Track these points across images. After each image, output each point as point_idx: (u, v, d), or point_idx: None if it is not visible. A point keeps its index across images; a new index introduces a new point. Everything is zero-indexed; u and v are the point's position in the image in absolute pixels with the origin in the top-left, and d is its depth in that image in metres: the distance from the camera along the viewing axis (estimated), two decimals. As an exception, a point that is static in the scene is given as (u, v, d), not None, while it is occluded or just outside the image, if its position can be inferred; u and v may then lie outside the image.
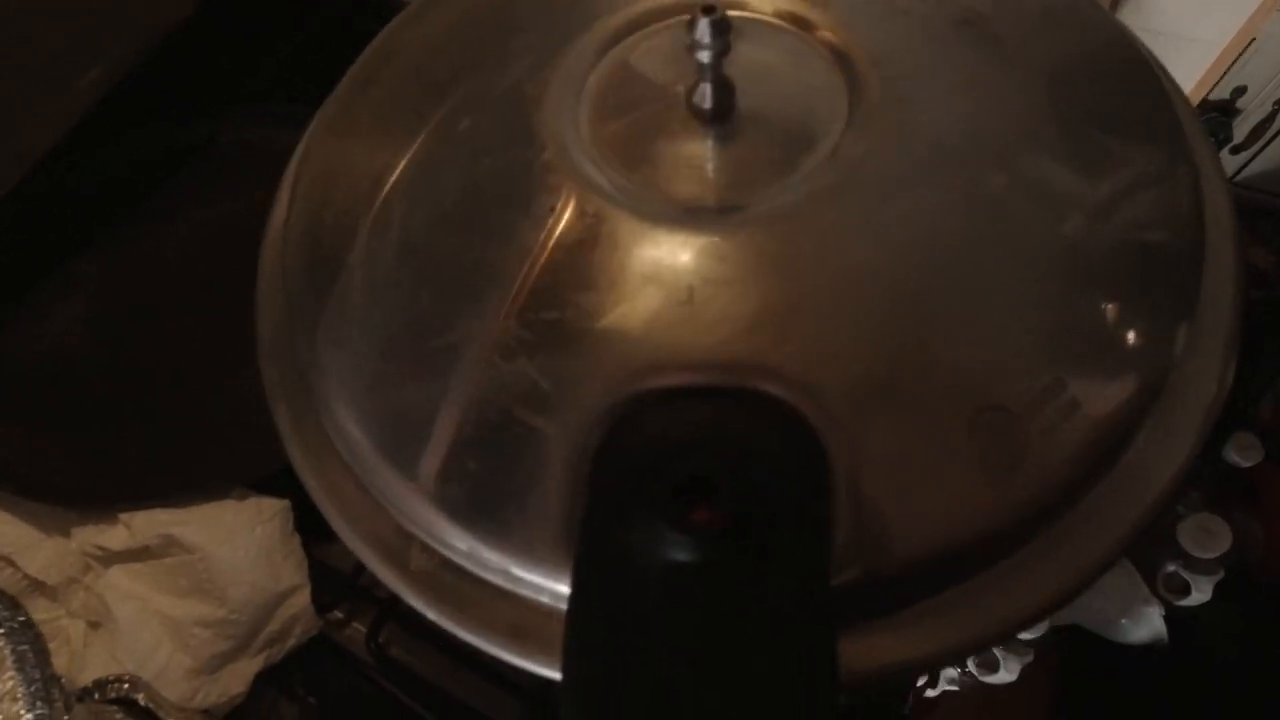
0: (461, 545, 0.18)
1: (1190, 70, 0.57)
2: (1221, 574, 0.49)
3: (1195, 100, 0.62)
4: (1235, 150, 1.01)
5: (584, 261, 0.18)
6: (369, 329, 0.20)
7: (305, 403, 0.21)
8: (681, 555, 0.15)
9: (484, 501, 0.18)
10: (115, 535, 0.36)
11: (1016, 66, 0.20)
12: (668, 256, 0.18)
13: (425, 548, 0.19)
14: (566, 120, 0.20)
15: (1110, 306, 0.18)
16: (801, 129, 0.20)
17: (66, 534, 0.38)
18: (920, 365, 0.17)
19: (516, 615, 0.18)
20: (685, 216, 0.19)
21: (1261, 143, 0.96)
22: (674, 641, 0.15)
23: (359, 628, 0.40)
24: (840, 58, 0.20)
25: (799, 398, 0.17)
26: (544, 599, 0.18)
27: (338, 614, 0.41)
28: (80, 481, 0.38)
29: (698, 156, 0.20)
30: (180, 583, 0.36)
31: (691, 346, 0.17)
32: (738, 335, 0.17)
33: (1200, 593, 0.46)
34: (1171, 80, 0.23)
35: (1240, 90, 0.92)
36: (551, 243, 0.19)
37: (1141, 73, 0.21)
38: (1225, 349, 0.20)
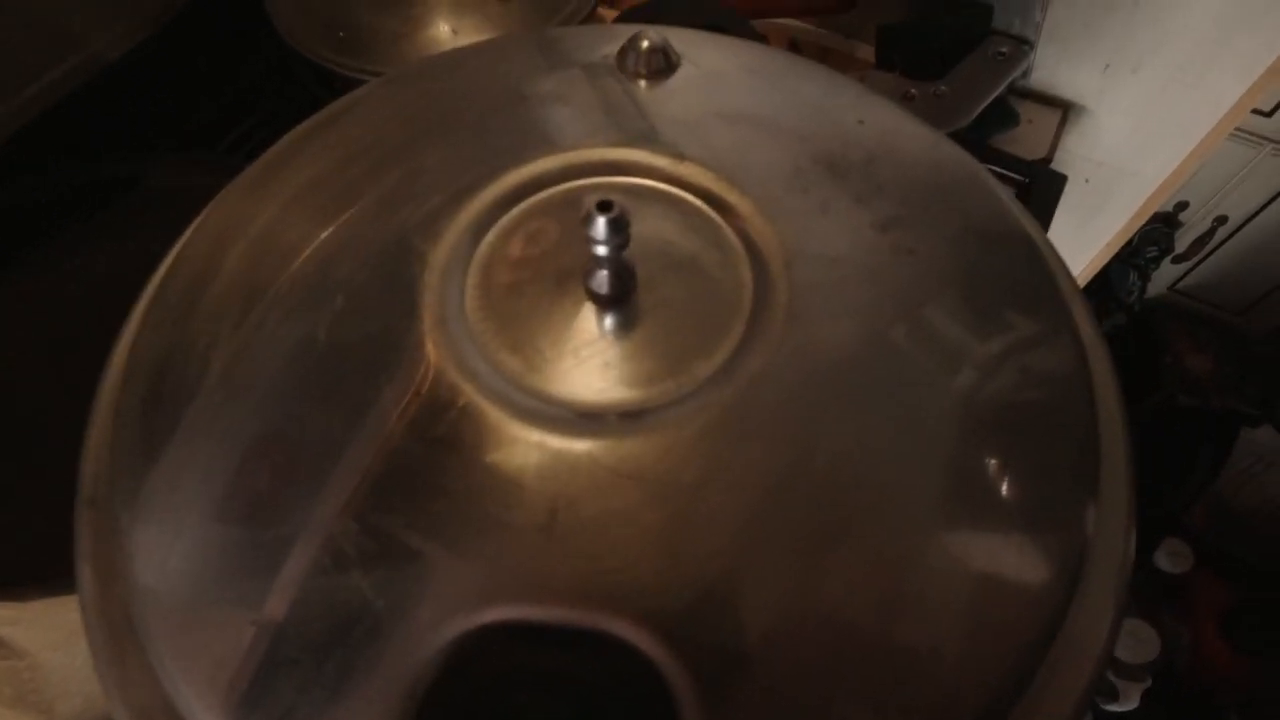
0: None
1: (1129, 201, 0.59)
2: (1149, 681, 0.48)
3: (1133, 229, 0.64)
4: (1177, 260, 1.05)
5: (443, 460, 0.17)
6: (192, 497, 0.17)
7: (113, 565, 0.18)
8: None
9: (289, 730, 0.15)
10: (-62, 630, 0.32)
11: (929, 278, 0.19)
12: (535, 467, 0.16)
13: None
14: (452, 288, 0.19)
15: (1020, 509, 0.17)
16: (702, 327, 0.18)
17: (-115, 620, 0.33)
18: (808, 627, 0.15)
19: None
20: (564, 419, 0.17)
21: (1201, 256, 1.00)
22: None
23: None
24: (752, 252, 0.19)
25: (662, 655, 0.15)
26: None
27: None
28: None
29: (587, 347, 0.18)
30: (4, 691, 0.32)
31: (548, 579, 0.15)
32: (600, 572, 0.15)
33: (1128, 699, 0.45)
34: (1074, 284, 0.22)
35: (1182, 205, 0.97)
36: (410, 433, 0.17)
37: (1048, 285, 0.20)
38: (1127, 515, 0.19)
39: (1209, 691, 0.83)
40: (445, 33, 0.41)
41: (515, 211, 0.20)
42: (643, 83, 0.23)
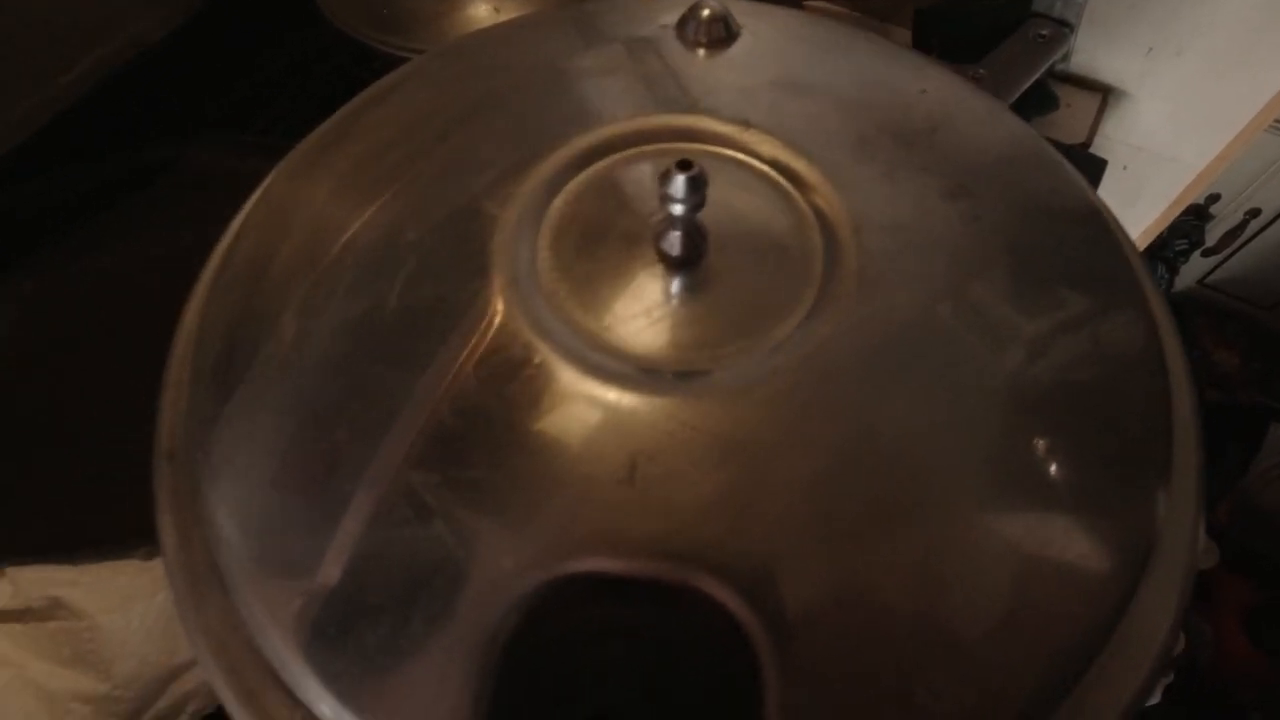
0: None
1: (1167, 188, 0.59)
2: (1172, 677, 0.48)
3: (1170, 218, 0.64)
4: (1206, 253, 1.04)
5: (521, 415, 0.17)
6: (272, 450, 0.18)
7: (193, 516, 0.18)
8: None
9: (369, 677, 0.16)
10: (-3, 591, 0.33)
11: (997, 248, 0.19)
12: (613, 422, 0.17)
13: (302, 711, 0.17)
14: (523, 249, 0.19)
15: (1090, 495, 0.17)
16: (772, 292, 0.18)
17: (-55, 582, 0.34)
18: (885, 581, 0.16)
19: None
20: (638, 377, 0.17)
21: (1231, 249, 0.98)
22: None
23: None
24: (821, 218, 0.19)
25: (741, 607, 0.15)
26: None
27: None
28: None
29: (659, 308, 0.18)
30: (63, 651, 0.32)
31: (629, 531, 0.16)
32: (682, 525, 0.16)
33: (1151, 694, 0.45)
34: (1149, 275, 0.22)
35: (1214, 197, 0.96)
36: (488, 390, 0.17)
37: (1117, 261, 0.20)
38: (1195, 505, 0.19)
39: (1230, 688, 0.83)
40: (486, 10, 0.42)
41: (584, 175, 0.20)
42: (702, 51, 0.23)
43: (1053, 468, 0.17)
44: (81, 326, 0.41)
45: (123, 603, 0.33)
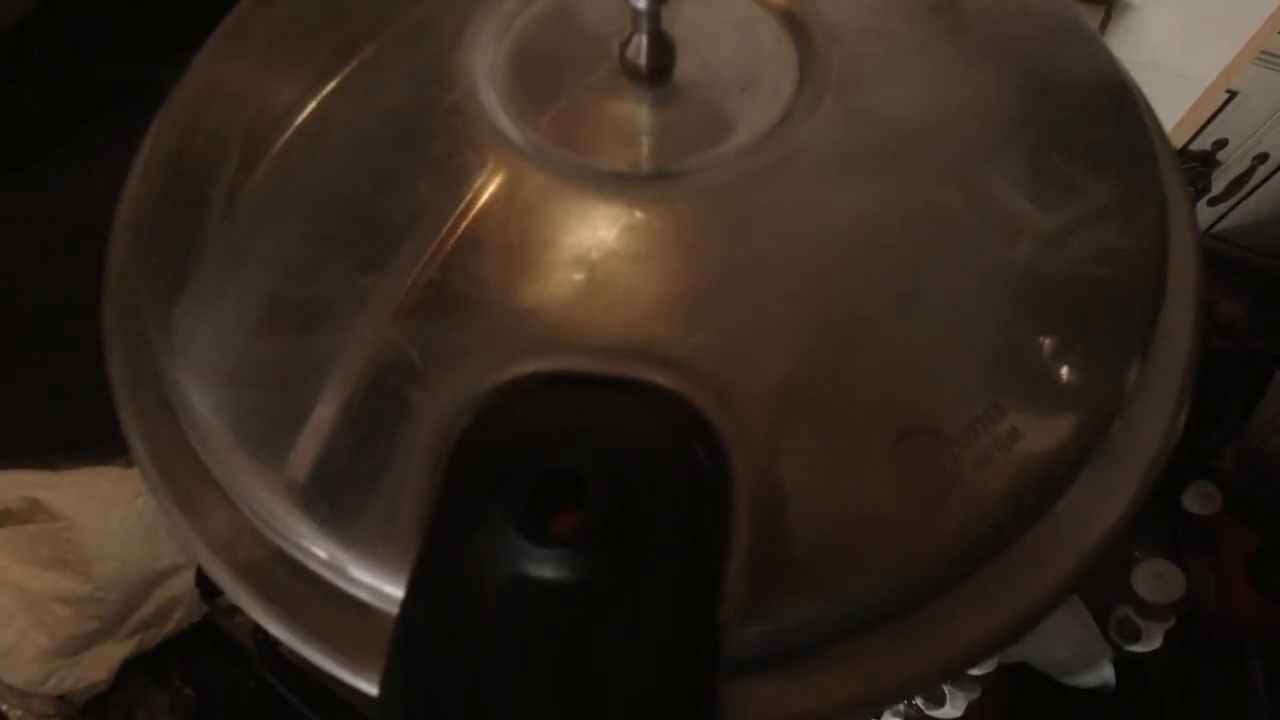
0: (295, 535, 0.15)
1: (1173, 107, 0.57)
2: (1173, 622, 0.48)
3: (1177, 141, 0.62)
4: (1213, 202, 1.02)
5: (477, 220, 0.16)
6: (223, 270, 0.17)
7: (144, 350, 0.18)
8: (532, 569, 0.12)
9: (328, 486, 0.15)
10: (-26, 493, 0.33)
11: (989, 68, 0.18)
12: (573, 222, 0.16)
13: (256, 535, 0.16)
14: (482, 61, 0.18)
15: (1058, 335, 0.16)
16: (744, 100, 0.17)
17: (-76, 487, 0.34)
18: (845, 374, 0.15)
19: (354, 624, 0.15)
20: (599, 179, 0.16)
21: (1238, 197, 0.96)
22: (515, 672, 0.12)
23: (247, 617, 0.37)
24: (795, 27, 0.18)
25: (703, 396, 0.14)
26: (387, 607, 0.15)
27: (225, 600, 0.38)
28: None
29: (624, 116, 0.17)
30: (41, 551, 0.32)
31: (586, 327, 0.15)
32: (641, 319, 0.15)
33: (1151, 639, 0.45)
34: (1151, 110, 0.21)
35: (1221, 143, 0.93)
36: (442, 195, 0.16)
37: (1121, 97, 0.19)
38: (1177, 398, 0.18)
39: (1232, 636, 0.82)
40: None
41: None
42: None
43: (1027, 303, 0.16)
44: (59, 236, 0.40)
45: (102, 506, 0.32)
